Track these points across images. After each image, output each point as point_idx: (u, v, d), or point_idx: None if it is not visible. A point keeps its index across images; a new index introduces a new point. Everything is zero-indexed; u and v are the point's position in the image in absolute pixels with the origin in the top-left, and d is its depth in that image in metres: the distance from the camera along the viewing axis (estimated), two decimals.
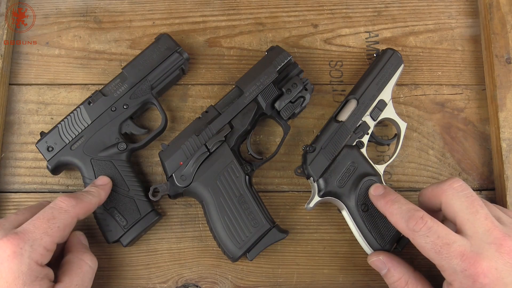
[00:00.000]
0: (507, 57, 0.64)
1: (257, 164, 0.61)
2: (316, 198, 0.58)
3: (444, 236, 0.48)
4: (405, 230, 0.51)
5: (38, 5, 0.69)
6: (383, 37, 0.68)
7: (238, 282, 0.61)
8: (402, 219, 0.50)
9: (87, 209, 0.54)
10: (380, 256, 0.55)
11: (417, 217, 0.49)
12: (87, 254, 0.54)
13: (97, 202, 0.56)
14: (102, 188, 0.57)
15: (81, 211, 0.53)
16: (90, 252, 0.56)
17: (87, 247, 0.57)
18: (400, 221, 0.51)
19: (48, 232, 0.50)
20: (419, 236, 0.49)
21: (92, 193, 0.56)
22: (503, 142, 0.62)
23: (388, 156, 0.64)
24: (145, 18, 0.69)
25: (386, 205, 0.53)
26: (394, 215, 0.52)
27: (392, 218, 0.52)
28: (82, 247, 0.55)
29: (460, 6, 0.69)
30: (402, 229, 0.51)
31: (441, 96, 0.66)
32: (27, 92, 0.66)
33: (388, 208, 0.53)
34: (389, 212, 0.53)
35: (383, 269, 0.55)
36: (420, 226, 0.49)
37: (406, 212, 0.51)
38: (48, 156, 0.59)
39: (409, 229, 0.50)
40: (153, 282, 0.61)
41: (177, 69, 0.63)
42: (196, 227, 0.62)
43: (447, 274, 0.48)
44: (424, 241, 0.48)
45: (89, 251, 0.56)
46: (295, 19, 0.69)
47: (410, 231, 0.50)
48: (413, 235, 0.49)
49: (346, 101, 0.62)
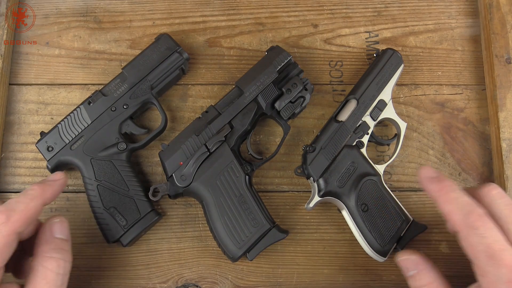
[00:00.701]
0: (507, 57, 0.64)
1: (257, 164, 0.61)
2: (316, 198, 0.58)
3: (500, 241, 0.44)
4: (459, 223, 0.46)
5: (38, 5, 0.69)
6: (383, 37, 0.68)
7: (238, 282, 0.61)
8: (460, 211, 0.46)
9: (25, 219, 0.45)
10: (412, 256, 0.51)
11: (478, 213, 0.46)
12: (53, 259, 0.47)
13: (39, 204, 0.47)
14: (49, 185, 0.49)
15: (16, 225, 0.44)
16: (61, 251, 0.48)
17: (61, 242, 0.49)
18: (457, 212, 0.46)
19: None
20: (475, 234, 0.45)
21: (31, 195, 0.47)
22: (503, 142, 0.62)
23: (388, 156, 0.64)
24: (145, 18, 0.69)
25: (441, 191, 0.48)
26: (450, 204, 0.47)
27: (446, 207, 0.48)
28: (50, 247, 0.48)
29: (460, 6, 0.69)
30: (457, 221, 0.47)
31: (441, 96, 0.66)
32: (27, 92, 0.66)
33: (443, 195, 0.48)
34: (443, 199, 0.48)
35: (411, 270, 0.51)
36: (479, 224, 0.45)
37: (466, 204, 0.47)
38: (48, 156, 0.59)
39: (466, 223, 0.46)
40: (153, 282, 0.61)
41: (177, 69, 0.63)
42: (196, 227, 0.62)
43: (487, 281, 0.45)
44: (478, 241, 0.45)
45: (59, 250, 0.48)
46: (295, 19, 0.69)
47: (466, 226, 0.46)
48: (468, 231, 0.45)
49: (346, 101, 0.62)
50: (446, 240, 0.61)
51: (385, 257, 0.57)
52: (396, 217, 0.58)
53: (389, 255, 0.57)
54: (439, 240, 0.62)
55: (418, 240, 0.60)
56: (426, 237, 0.61)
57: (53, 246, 0.48)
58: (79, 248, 0.61)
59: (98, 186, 0.59)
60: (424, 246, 0.61)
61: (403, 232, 0.58)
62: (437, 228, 0.62)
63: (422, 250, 0.61)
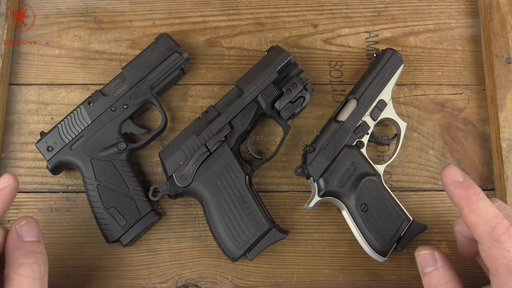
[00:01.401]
0: (507, 57, 0.64)
1: (257, 164, 0.61)
2: (316, 198, 0.58)
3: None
4: (485, 236, 0.45)
5: (38, 5, 0.69)
6: (383, 37, 0.68)
7: (238, 282, 0.61)
8: (487, 223, 0.45)
9: None
10: (434, 251, 0.49)
11: (504, 227, 0.44)
12: (25, 265, 0.44)
13: None
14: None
15: None
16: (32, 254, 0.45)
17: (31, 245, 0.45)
18: (484, 224, 0.45)
19: None
20: (499, 248, 0.44)
21: None
22: (503, 142, 0.62)
23: (388, 156, 0.64)
24: (145, 18, 0.69)
25: (468, 199, 0.46)
26: (476, 215, 0.45)
27: (472, 216, 0.46)
28: (21, 253, 0.44)
29: (460, 6, 0.69)
30: (482, 233, 0.45)
31: (441, 96, 0.66)
32: (27, 92, 0.66)
33: (470, 204, 0.46)
34: (470, 208, 0.46)
35: (431, 266, 0.49)
36: (505, 238, 0.44)
37: (494, 216, 0.45)
38: (48, 156, 0.59)
39: (491, 236, 0.44)
40: (153, 282, 0.61)
41: (177, 69, 0.63)
42: (196, 227, 0.62)
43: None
44: (502, 255, 0.44)
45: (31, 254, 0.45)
46: (295, 19, 0.69)
47: (492, 239, 0.44)
48: (493, 244, 0.44)
49: (346, 101, 0.62)
50: (446, 240, 0.61)
51: (385, 257, 0.57)
52: (396, 217, 0.58)
53: (389, 255, 0.57)
54: (439, 240, 0.62)
55: (418, 240, 0.60)
56: (426, 237, 0.61)
57: (24, 251, 0.45)
58: (79, 248, 0.61)
59: (98, 186, 0.59)
60: None
61: (403, 232, 0.58)
62: (437, 228, 0.62)
63: None
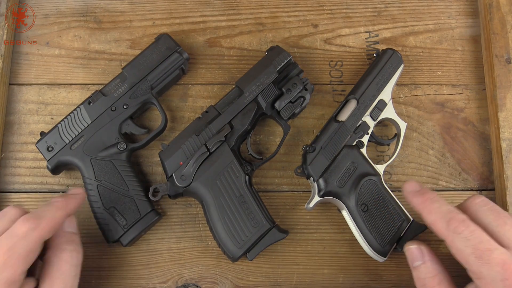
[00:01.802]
0: (507, 57, 0.64)
1: (257, 164, 0.61)
2: (316, 198, 0.58)
3: (486, 241, 0.46)
4: (443, 231, 0.48)
5: (38, 5, 0.69)
6: (383, 37, 0.68)
7: (238, 282, 0.61)
8: (442, 219, 0.48)
9: (52, 226, 0.49)
10: (421, 246, 0.52)
11: (459, 219, 0.48)
12: (67, 251, 0.50)
13: (64, 215, 0.50)
14: (71, 198, 0.53)
15: (43, 232, 0.47)
16: (73, 243, 0.51)
17: (71, 235, 0.52)
18: (440, 221, 0.49)
19: (8, 264, 0.45)
20: (459, 239, 0.47)
21: (57, 206, 0.51)
22: (503, 142, 0.62)
23: (388, 156, 0.64)
24: (145, 18, 0.69)
25: (424, 203, 0.51)
26: (432, 214, 0.50)
27: (429, 217, 0.50)
28: (62, 240, 0.51)
29: (460, 6, 0.70)
30: (440, 229, 0.49)
31: (441, 96, 0.66)
32: (27, 92, 0.66)
33: (426, 206, 0.50)
34: (427, 210, 0.50)
35: (418, 260, 0.52)
36: (462, 229, 0.47)
37: (447, 212, 0.49)
38: (48, 156, 0.59)
39: (449, 230, 0.47)
40: (153, 282, 0.61)
41: (177, 69, 0.63)
42: (196, 227, 0.62)
43: (484, 283, 0.46)
44: (464, 245, 0.46)
45: (71, 242, 0.51)
46: (295, 19, 0.69)
47: (450, 232, 0.47)
48: (453, 237, 0.47)
49: (346, 101, 0.62)
50: None
51: (385, 257, 0.57)
52: (396, 217, 0.58)
53: (389, 255, 0.57)
54: (439, 240, 0.61)
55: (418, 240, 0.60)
56: (426, 237, 0.61)
57: (65, 239, 0.51)
58: None
59: (98, 186, 0.59)
60: None
61: (403, 232, 0.58)
62: None
63: None
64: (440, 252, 0.61)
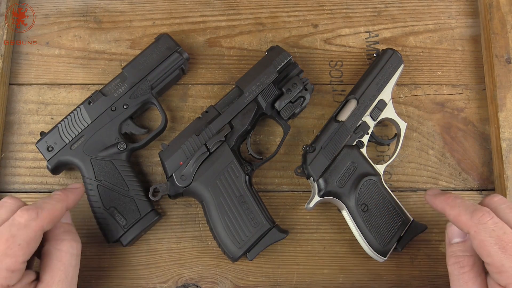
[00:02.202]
0: (507, 57, 0.64)
1: (257, 164, 0.61)
2: (316, 198, 0.58)
3: (510, 233, 0.46)
4: (468, 222, 0.48)
5: (38, 5, 0.69)
6: (383, 37, 0.68)
7: (238, 282, 0.61)
8: (467, 211, 0.49)
9: (52, 217, 0.49)
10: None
11: (484, 210, 0.48)
12: (66, 241, 0.50)
13: (63, 207, 0.51)
14: (70, 191, 0.53)
15: (44, 222, 0.47)
16: (70, 233, 0.52)
17: (68, 226, 0.52)
18: (464, 212, 0.49)
19: (8, 252, 0.45)
20: (484, 229, 0.47)
21: (57, 198, 0.51)
22: (503, 142, 0.62)
23: (388, 156, 0.64)
24: (145, 18, 0.69)
25: (447, 200, 0.51)
26: (456, 208, 0.50)
27: (453, 211, 0.50)
28: (60, 230, 0.51)
29: (460, 6, 0.69)
30: (465, 221, 0.48)
31: (441, 96, 0.66)
32: (27, 92, 0.66)
33: (449, 202, 0.51)
34: (450, 206, 0.50)
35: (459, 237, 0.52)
36: (487, 219, 0.47)
37: (472, 205, 0.49)
38: (48, 156, 0.59)
39: (473, 221, 0.47)
40: (153, 282, 0.60)
41: (177, 69, 0.63)
42: (196, 227, 0.62)
43: (506, 277, 0.45)
44: (488, 235, 0.46)
45: (69, 232, 0.51)
46: (295, 19, 0.69)
47: (475, 223, 0.47)
48: (477, 227, 0.47)
49: (346, 101, 0.62)
50: None
51: (385, 257, 0.57)
52: (396, 217, 0.58)
53: (389, 255, 0.57)
54: (439, 240, 0.62)
55: (418, 240, 0.60)
56: (426, 237, 0.61)
57: (63, 229, 0.51)
58: None
59: (98, 186, 0.59)
60: (424, 246, 0.61)
61: (403, 232, 0.58)
62: (437, 228, 0.62)
63: (422, 250, 0.61)
64: (440, 252, 0.61)
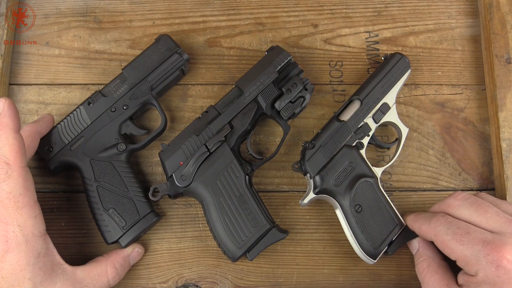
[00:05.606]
0: (507, 57, 0.64)
1: (257, 164, 0.61)
2: (311, 195, 0.58)
3: (464, 226, 0.49)
4: (428, 229, 0.52)
5: (38, 5, 0.69)
6: (383, 37, 0.68)
7: (238, 282, 0.61)
8: (425, 220, 0.53)
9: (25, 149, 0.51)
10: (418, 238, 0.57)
11: (438, 215, 0.52)
12: (114, 269, 0.56)
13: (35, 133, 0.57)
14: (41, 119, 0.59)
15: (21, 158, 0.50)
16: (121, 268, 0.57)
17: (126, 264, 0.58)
18: (423, 222, 0.53)
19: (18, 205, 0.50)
20: (440, 230, 0.51)
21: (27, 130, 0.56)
22: (503, 142, 0.62)
23: (388, 156, 0.64)
24: (145, 18, 0.69)
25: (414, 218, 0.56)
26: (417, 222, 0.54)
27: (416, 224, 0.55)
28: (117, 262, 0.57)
29: (460, 6, 0.69)
30: (426, 229, 0.53)
31: (441, 96, 0.66)
32: (27, 92, 0.66)
33: (414, 218, 0.56)
34: (414, 221, 0.55)
35: (414, 249, 0.57)
36: (442, 220, 0.51)
37: (429, 215, 0.54)
38: (48, 156, 0.59)
39: (431, 226, 0.52)
40: (153, 282, 0.61)
41: (177, 70, 0.63)
42: (196, 227, 0.62)
43: (471, 265, 0.48)
44: (445, 234, 0.50)
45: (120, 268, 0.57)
46: (295, 19, 0.69)
47: (433, 228, 0.52)
48: (435, 231, 0.51)
49: (350, 101, 0.62)
50: None
51: (374, 259, 0.57)
52: (389, 220, 0.58)
53: (379, 258, 0.57)
54: None
55: None
56: None
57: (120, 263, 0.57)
58: (79, 248, 0.61)
59: (98, 187, 0.59)
60: None
61: (395, 236, 0.58)
62: None
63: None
64: None
